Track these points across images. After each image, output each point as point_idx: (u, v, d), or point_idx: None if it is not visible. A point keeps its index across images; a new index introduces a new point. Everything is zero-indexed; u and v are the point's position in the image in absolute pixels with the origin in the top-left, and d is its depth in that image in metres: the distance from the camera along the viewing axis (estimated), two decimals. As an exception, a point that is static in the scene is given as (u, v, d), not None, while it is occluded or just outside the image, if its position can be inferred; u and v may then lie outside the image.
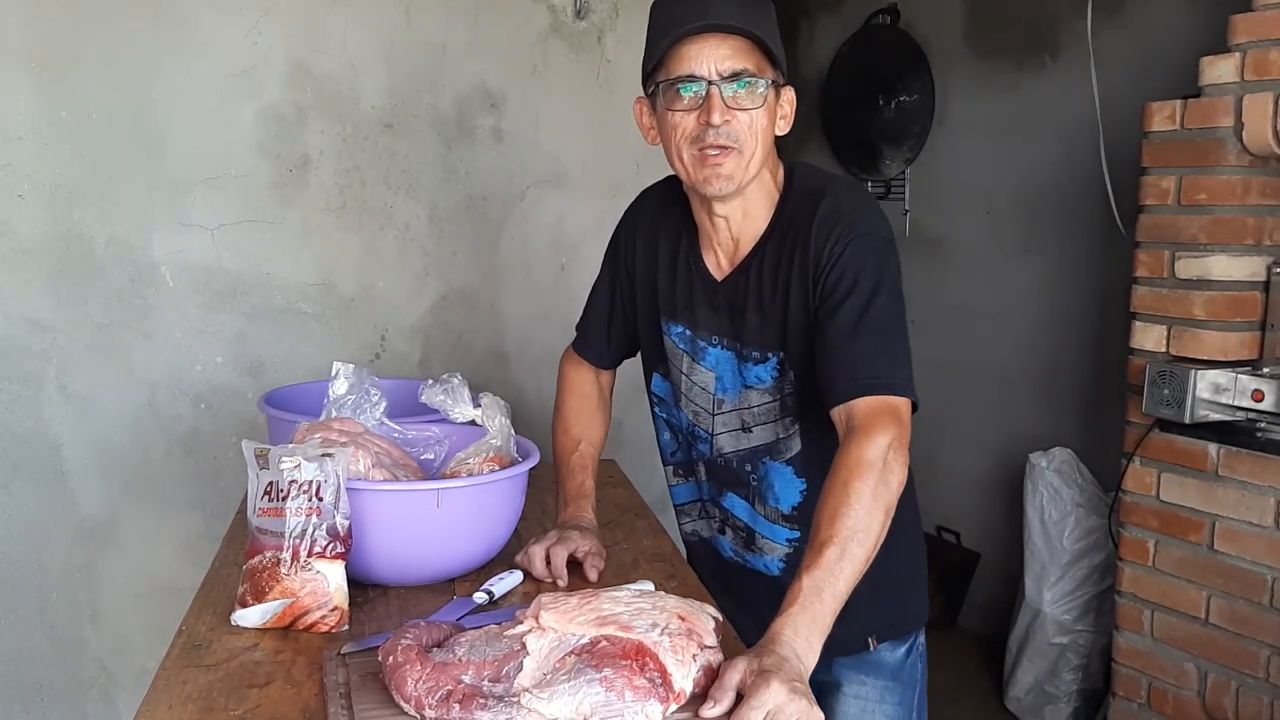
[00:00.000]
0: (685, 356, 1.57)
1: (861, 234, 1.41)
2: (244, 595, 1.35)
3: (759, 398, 1.51)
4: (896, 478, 1.28)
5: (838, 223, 1.41)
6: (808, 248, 1.42)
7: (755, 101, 1.38)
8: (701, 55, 1.35)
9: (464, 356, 2.78)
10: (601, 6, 2.78)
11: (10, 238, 2.35)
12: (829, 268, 1.40)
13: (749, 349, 1.50)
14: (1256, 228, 2.49)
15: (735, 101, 1.37)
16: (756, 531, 1.59)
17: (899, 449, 1.30)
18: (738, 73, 1.36)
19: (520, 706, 1.01)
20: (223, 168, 2.50)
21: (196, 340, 2.51)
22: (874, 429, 1.30)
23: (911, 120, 4.02)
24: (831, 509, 1.23)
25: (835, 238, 1.40)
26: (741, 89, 1.37)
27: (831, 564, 1.18)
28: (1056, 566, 3.06)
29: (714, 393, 1.55)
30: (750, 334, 1.49)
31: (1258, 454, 2.39)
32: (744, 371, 1.51)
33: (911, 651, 1.65)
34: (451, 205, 2.73)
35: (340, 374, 1.58)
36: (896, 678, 1.63)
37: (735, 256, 1.50)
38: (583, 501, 1.66)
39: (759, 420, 1.52)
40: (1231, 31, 2.42)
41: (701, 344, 1.55)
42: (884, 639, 1.61)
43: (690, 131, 1.38)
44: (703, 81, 1.36)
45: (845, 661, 1.60)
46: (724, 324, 1.52)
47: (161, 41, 2.41)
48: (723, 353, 1.53)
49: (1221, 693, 2.49)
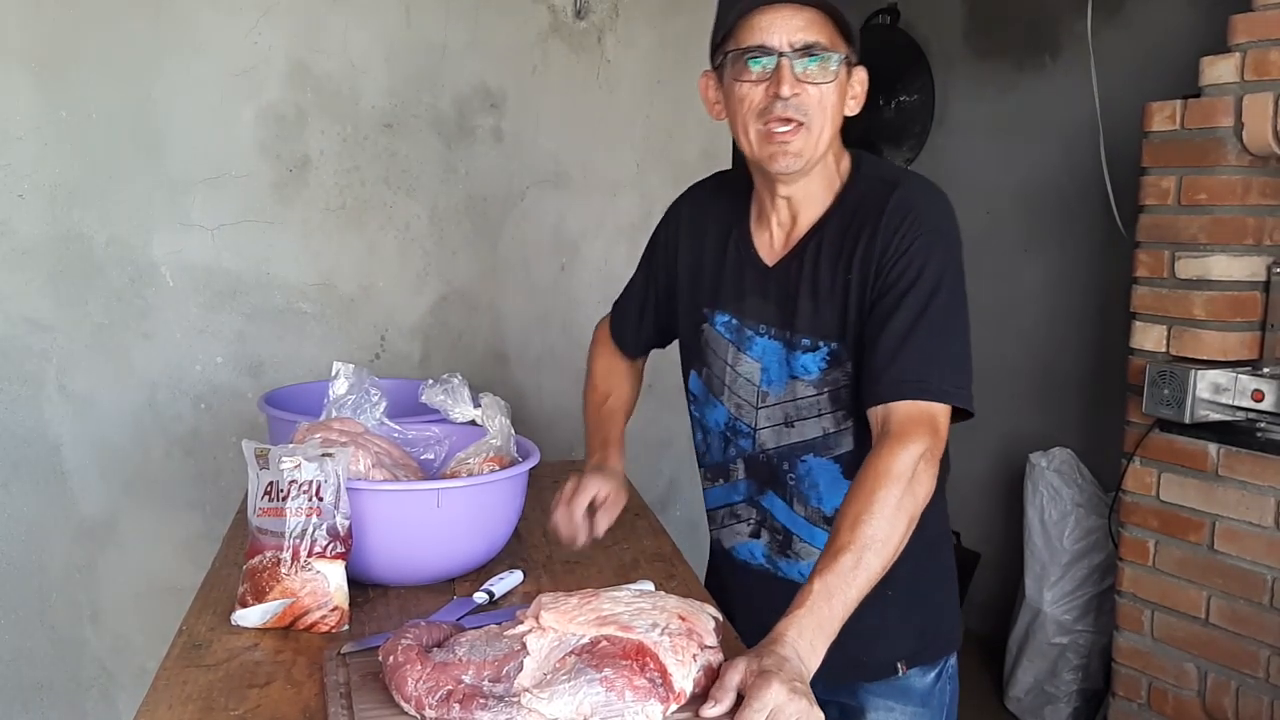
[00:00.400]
0: (731, 346, 1.51)
1: (931, 230, 1.37)
2: (244, 595, 1.35)
3: (804, 389, 1.45)
4: (924, 489, 1.26)
5: (909, 212, 1.36)
6: (875, 236, 1.36)
7: (827, 76, 1.32)
8: (773, 26, 1.30)
9: (464, 356, 2.77)
10: (601, 6, 2.78)
11: (10, 238, 2.35)
12: (894, 259, 1.35)
13: (799, 336, 1.44)
14: (1256, 228, 2.49)
15: (806, 75, 1.31)
16: (795, 534, 1.52)
17: (930, 461, 1.27)
18: (810, 45, 1.31)
19: (520, 706, 1.01)
20: (223, 168, 2.50)
21: (196, 340, 2.51)
22: (908, 437, 1.27)
23: (911, 120, 4.02)
24: (854, 515, 1.21)
25: (905, 229, 1.35)
26: (813, 63, 1.31)
27: (846, 571, 1.17)
28: (1056, 566, 3.06)
29: (759, 385, 1.49)
30: (802, 320, 1.43)
31: (1258, 454, 2.39)
32: (791, 361, 1.45)
33: (941, 675, 1.57)
34: (451, 205, 2.72)
35: (340, 374, 1.58)
36: (926, 704, 1.55)
37: (791, 238, 1.45)
38: (609, 449, 1.63)
39: (802, 415, 1.46)
40: (1231, 31, 2.42)
41: (749, 333, 1.49)
42: (913, 664, 1.54)
43: (757, 104, 1.33)
44: (773, 54, 1.31)
45: (872, 687, 1.54)
46: (773, 312, 1.46)
47: (161, 41, 2.41)
48: (770, 343, 1.47)
49: (1221, 693, 2.49)
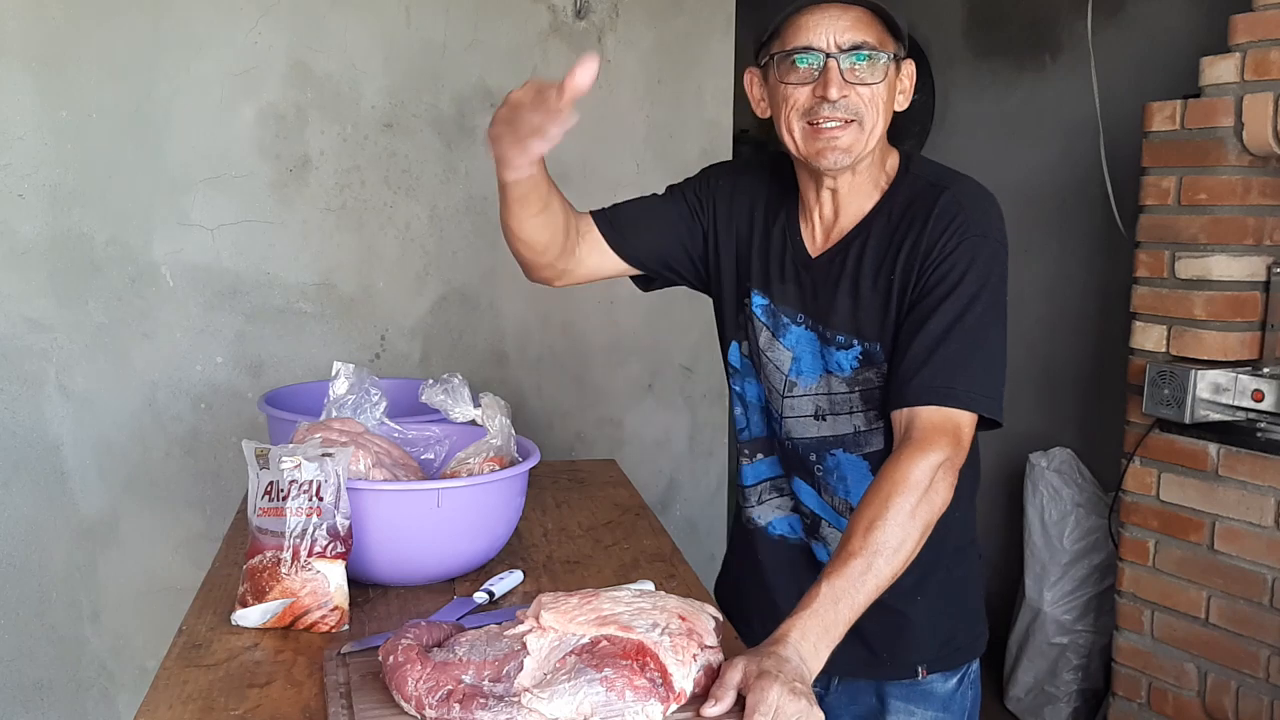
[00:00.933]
0: (765, 330, 1.48)
1: (978, 234, 1.35)
2: (244, 595, 1.35)
3: (838, 385, 1.43)
4: (940, 498, 1.24)
5: (957, 215, 1.35)
6: (920, 238, 1.35)
7: (876, 75, 1.32)
8: (821, 26, 1.30)
9: (464, 356, 2.77)
10: (601, 6, 2.78)
11: (10, 238, 2.35)
12: (937, 262, 1.34)
13: (834, 332, 1.42)
14: (1256, 228, 2.49)
15: (854, 75, 1.31)
16: (823, 519, 1.51)
17: (948, 470, 1.25)
18: (858, 45, 1.30)
19: (520, 706, 1.01)
20: (223, 168, 2.50)
21: (196, 340, 2.51)
22: (929, 445, 1.26)
23: (911, 120, 4.02)
24: (868, 520, 1.20)
25: (952, 231, 1.34)
26: (861, 61, 1.31)
27: (855, 576, 1.16)
28: (1056, 566, 3.06)
29: (787, 374, 1.47)
30: (838, 316, 1.41)
31: (1258, 454, 2.39)
32: (826, 356, 1.43)
33: (964, 681, 1.55)
34: (451, 205, 2.72)
35: (340, 374, 1.58)
36: (947, 708, 1.54)
37: (833, 233, 1.43)
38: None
39: (835, 410, 1.44)
40: (1232, 31, 2.42)
41: (784, 320, 1.46)
42: (935, 669, 1.52)
43: (803, 104, 1.33)
44: (820, 53, 1.30)
45: (893, 689, 1.53)
46: (808, 303, 1.44)
47: (161, 41, 2.41)
48: (805, 332, 1.45)
49: (1221, 693, 2.49)
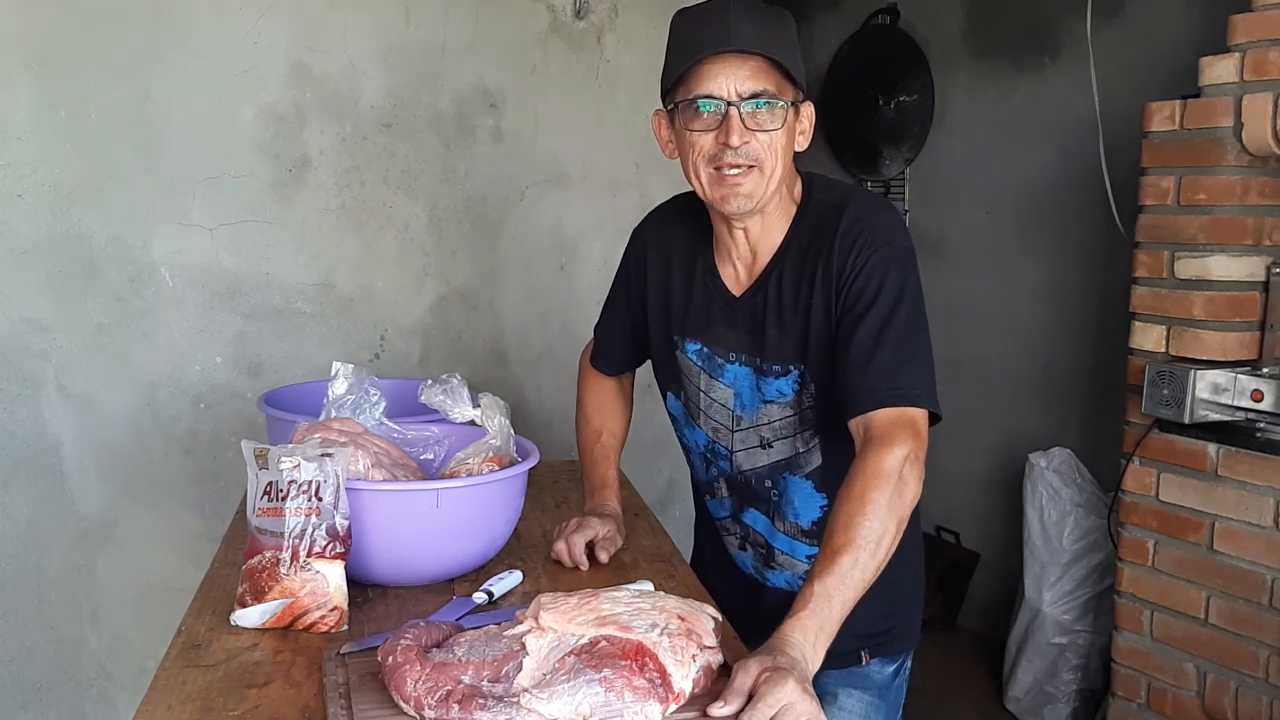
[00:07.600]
0: (703, 374, 1.56)
1: (884, 244, 1.41)
2: (243, 595, 1.35)
3: (779, 412, 1.50)
4: (911, 490, 1.28)
5: (861, 233, 1.41)
6: (831, 259, 1.41)
7: (775, 122, 1.37)
8: (721, 75, 1.35)
9: (463, 356, 2.78)
10: (601, 6, 2.78)
11: (10, 238, 2.35)
12: (852, 278, 1.40)
13: (769, 363, 1.48)
14: (1256, 228, 2.49)
15: (754, 121, 1.36)
16: (775, 548, 1.59)
17: (915, 462, 1.29)
18: (757, 93, 1.35)
19: (520, 706, 1.01)
20: (222, 168, 2.50)
21: (196, 340, 2.51)
22: (892, 440, 1.29)
23: (911, 120, 4.02)
24: (846, 516, 1.23)
25: (859, 248, 1.40)
26: (761, 108, 1.36)
27: (844, 571, 1.19)
28: (1056, 566, 3.06)
29: (733, 409, 1.54)
30: (771, 347, 1.47)
31: (1257, 454, 2.39)
32: (763, 386, 1.50)
33: (899, 673, 1.64)
34: (451, 205, 2.73)
35: (340, 374, 1.58)
36: (883, 696, 1.62)
37: (754, 269, 1.50)
38: (606, 491, 1.71)
39: (779, 435, 1.51)
40: (1231, 31, 2.42)
41: (719, 361, 1.53)
42: (876, 655, 1.60)
43: (708, 150, 1.38)
44: (721, 101, 1.35)
45: (835, 674, 1.58)
46: (743, 340, 1.51)
47: (161, 41, 2.41)
48: (741, 369, 1.52)
49: (1221, 693, 2.49)
